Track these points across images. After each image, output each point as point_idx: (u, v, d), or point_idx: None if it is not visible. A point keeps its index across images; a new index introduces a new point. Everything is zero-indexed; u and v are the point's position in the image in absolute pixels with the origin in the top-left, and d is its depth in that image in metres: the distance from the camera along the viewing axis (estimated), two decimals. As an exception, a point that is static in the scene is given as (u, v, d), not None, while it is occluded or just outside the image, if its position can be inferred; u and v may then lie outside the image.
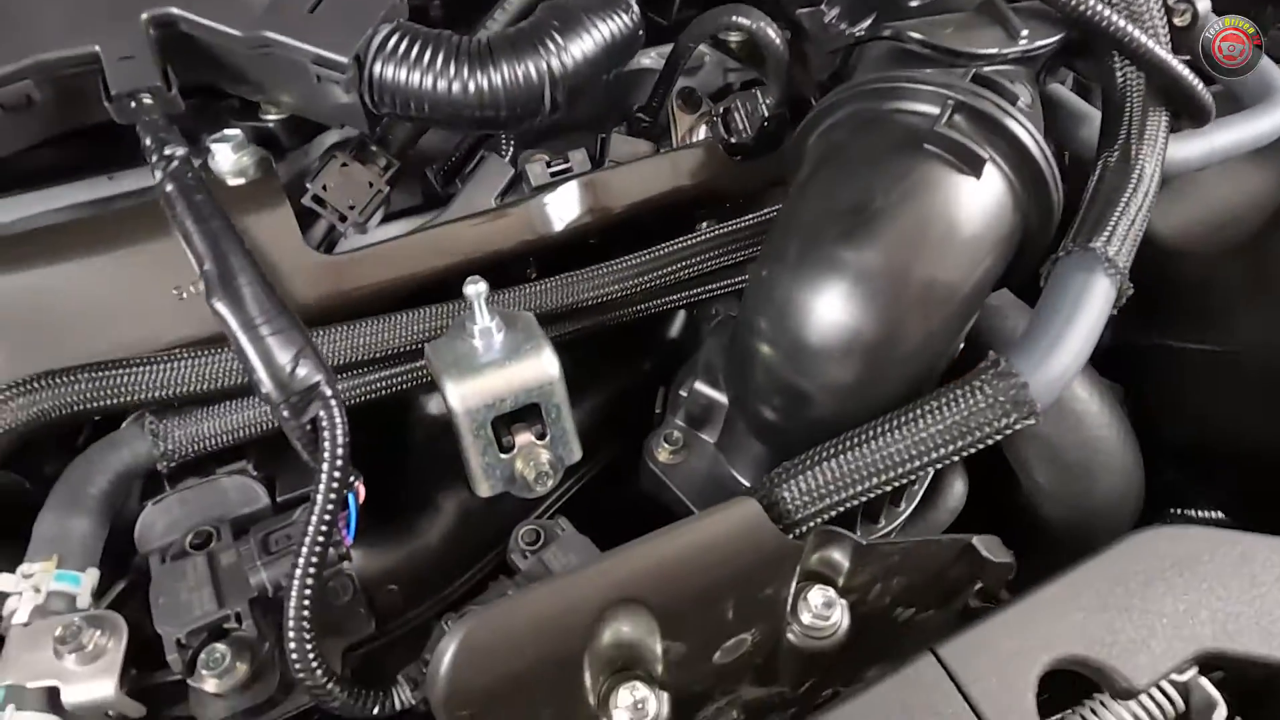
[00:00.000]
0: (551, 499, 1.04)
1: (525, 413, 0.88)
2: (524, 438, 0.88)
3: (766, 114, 1.08)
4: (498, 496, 0.96)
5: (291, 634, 0.71)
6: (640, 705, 0.77)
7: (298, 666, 0.71)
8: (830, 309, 0.80)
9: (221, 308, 0.71)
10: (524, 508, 1.00)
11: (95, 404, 0.83)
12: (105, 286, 0.89)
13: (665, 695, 0.79)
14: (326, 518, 0.71)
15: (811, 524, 0.78)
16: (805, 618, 0.84)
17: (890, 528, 0.93)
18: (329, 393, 0.72)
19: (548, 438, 0.89)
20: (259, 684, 0.75)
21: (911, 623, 0.99)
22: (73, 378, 0.82)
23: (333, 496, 0.71)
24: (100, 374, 0.83)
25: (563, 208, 1.07)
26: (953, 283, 0.79)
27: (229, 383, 0.86)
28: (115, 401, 0.84)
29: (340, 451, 0.72)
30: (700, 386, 0.94)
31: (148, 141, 0.82)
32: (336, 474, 0.72)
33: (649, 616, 0.73)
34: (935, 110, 0.81)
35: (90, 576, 0.78)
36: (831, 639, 0.85)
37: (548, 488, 0.87)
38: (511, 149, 1.13)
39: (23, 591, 0.74)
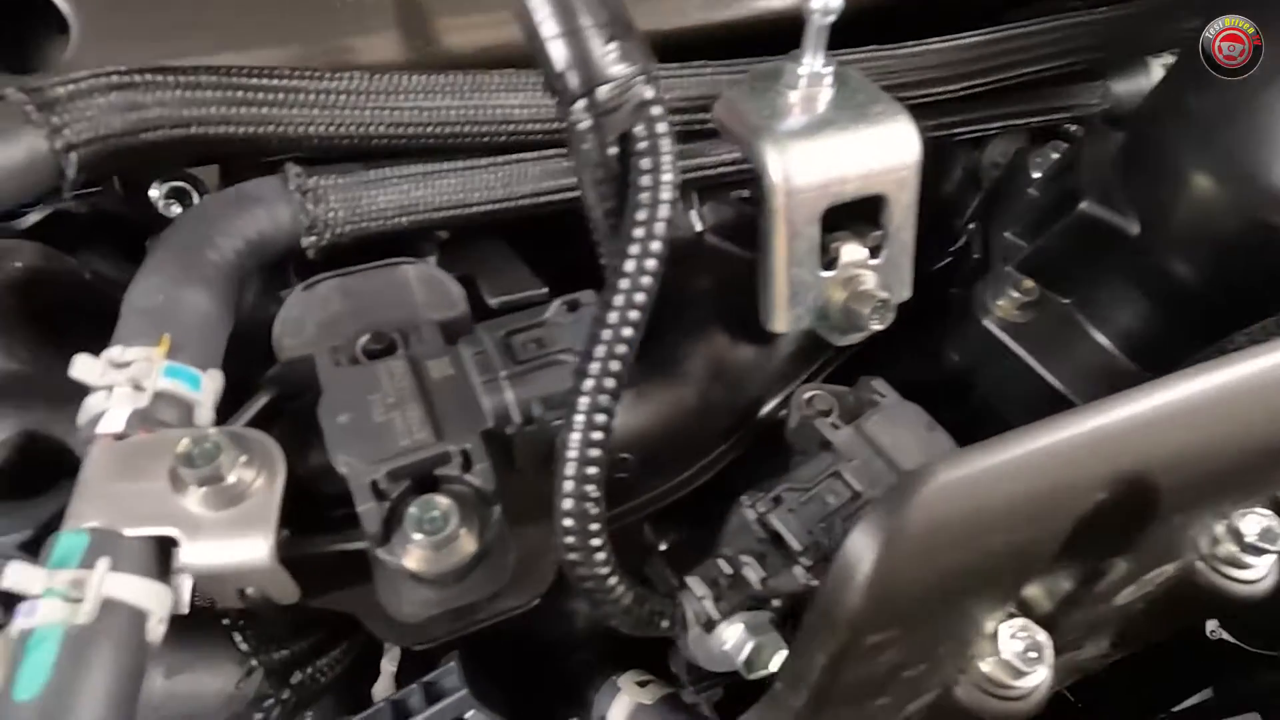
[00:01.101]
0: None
1: (851, 215, 0.59)
2: (852, 251, 0.59)
3: None
4: (756, 355, 0.68)
5: (570, 490, 0.42)
6: (1031, 653, 0.50)
7: (573, 541, 0.43)
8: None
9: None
10: (787, 374, 0.71)
11: (224, 126, 0.53)
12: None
13: (1050, 643, 0.52)
14: (640, 297, 0.42)
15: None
16: (1226, 549, 0.58)
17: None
18: (652, 94, 0.43)
19: (882, 256, 0.60)
20: (486, 568, 0.46)
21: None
22: (200, 79, 0.52)
23: (650, 264, 0.42)
24: (243, 81, 0.53)
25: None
26: None
27: (422, 126, 0.57)
28: (252, 129, 0.54)
29: (666, 193, 0.43)
30: (1093, 209, 0.64)
31: None
32: (658, 230, 0.43)
33: (1126, 513, 0.45)
34: None
35: (213, 380, 0.49)
36: (1252, 587, 0.59)
37: (882, 325, 0.59)
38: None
39: (114, 386, 0.46)
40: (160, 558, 0.42)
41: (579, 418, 0.42)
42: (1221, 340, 0.58)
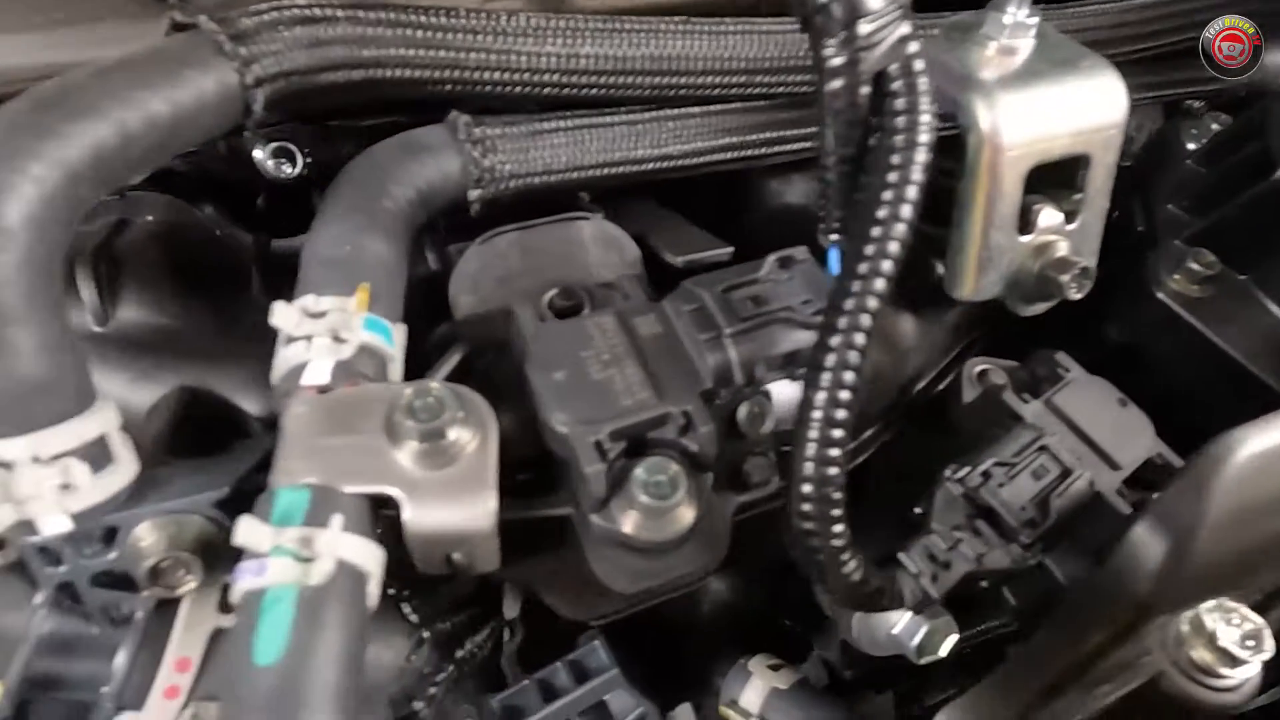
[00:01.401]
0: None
1: (1048, 177, 0.55)
2: (1049, 216, 0.55)
3: None
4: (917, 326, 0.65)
5: (811, 458, 0.39)
6: (1251, 640, 0.47)
7: (810, 510, 0.40)
8: None
9: None
10: (948, 346, 0.68)
11: (402, 68, 0.50)
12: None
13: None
14: (895, 249, 0.39)
15: None
16: None
17: None
18: (909, 29, 0.40)
19: (1077, 222, 0.57)
20: (696, 542, 0.43)
21: None
22: (376, 15, 0.49)
23: (906, 214, 0.39)
24: (427, 19, 0.50)
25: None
26: None
27: (608, 72, 0.54)
28: (431, 72, 0.51)
29: (924, 142, 0.40)
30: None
31: None
32: (917, 177, 0.39)
33: None
34: None
35: (401, 334, 0.46)
36: None
37: (1080, 294, 0.55)
38: None
39: (313, 336, 0.43)
40: (373, 518, 0.40)
41: (826, 378, 0.39)
42: None
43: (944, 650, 0.60)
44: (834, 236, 0.45)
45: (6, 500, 0.37)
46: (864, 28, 0.39)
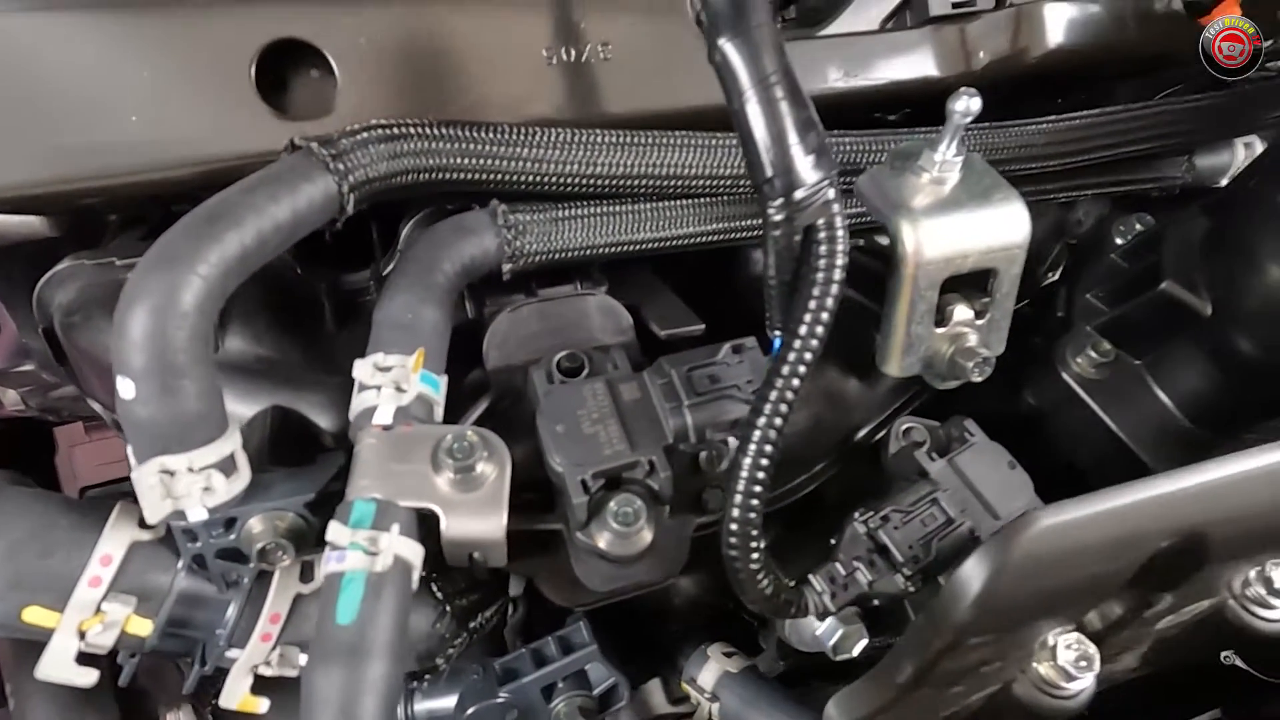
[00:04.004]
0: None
1: (965, 282, 0.69)
2: (962, 312, 0.69)
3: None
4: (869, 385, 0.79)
5: (739, 502, 0.54)
6: (1082, 662, 0.61)
7: (734, 542, 0.55)
8: None
9: (731, 51, 0.51)
10: (884, 403, 0.82)
11: (457, 173, 0.65)
12: (457, 31, 0.69)
13: (1098, 655, 0.63)
14: (808, 356, 0.53)
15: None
16: (1255, 590, 0.68)
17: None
18: (833, 195, 0.54)
19: (986, 318, 0.70)
20: (653, 556, 0.58)
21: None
22: (443, 132, 0.63)
23: (819, 331, 0.54)
24: (476, 136, 0.64)
25: (965, 45, 0.85)
26: None
27: (613, 176, 0.68)
28: (478, 176, 0.66)
29: (838, 276, 0.54)
30: (1173, 289, 0.74)
31: None
32: (829, 304, 0.54)
33: (1183, 557, 0.56)
34: None
35: (444, 383, 0.62)
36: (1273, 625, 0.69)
37: (980, 378, 0.69)
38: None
39: (381, 386, 0.58)
40: (419, 526, 0.55)
41: (753, 446, 0.54)
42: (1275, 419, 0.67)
43: (856, 650, 0.75)
44: (776, 332, 0.59)
45: (168, 496, 0.52)
46: (799, 195, 0.53)
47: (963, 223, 0.66)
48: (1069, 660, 0.62)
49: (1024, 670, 0.63)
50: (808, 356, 0.54)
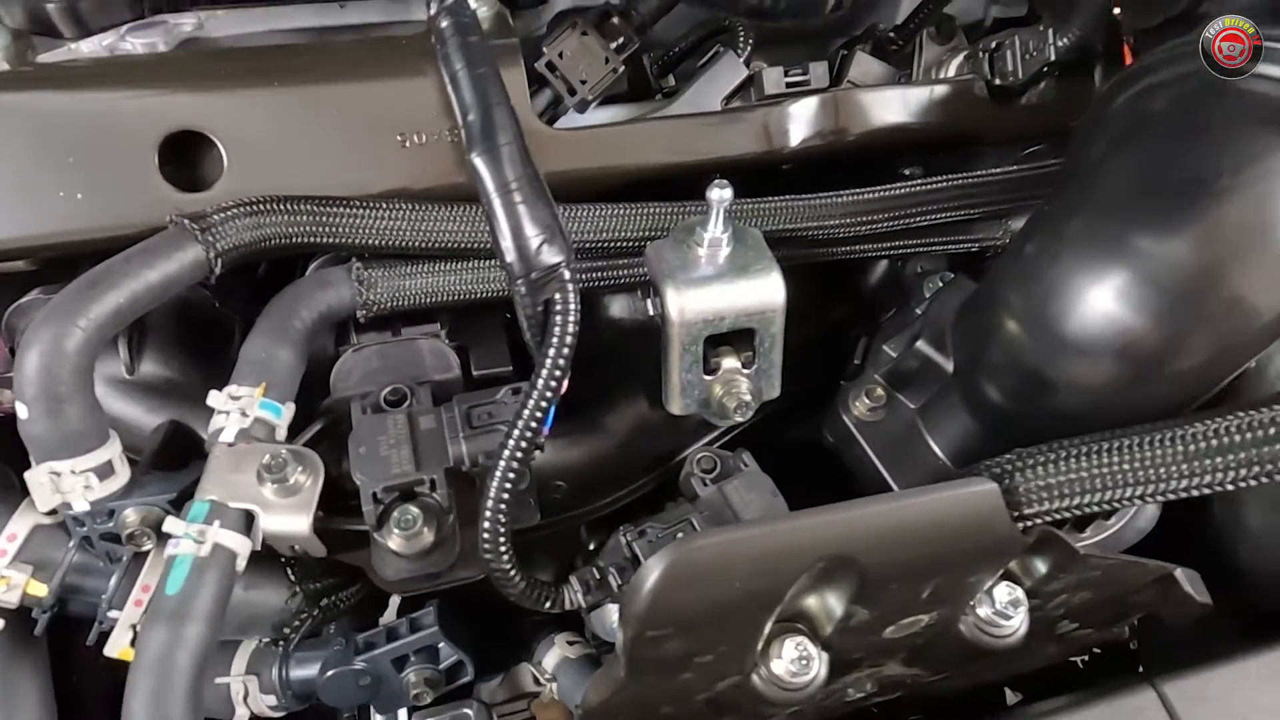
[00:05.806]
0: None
1: (735, 337, 0.83)
2: (730, 362, 0.83)
3: (1054, 57, 0.96)
4: (677, 416, 0.93)
5: (488, 515, 0.69)
6: (804, 661, 0.74)
7: (487, 547, 0.70)
8: (1105, 301, 0.70)
9: (480, 164, 0.66)
10: (699, 431, 0.96)
11: (312, 239, 0.81)
12: (330, 119, 0.85)
13: (825, 655, 0.76)
14: (544, 404, 0.68)
15: (1040, 520, 0.71)
16: (984, 611, 0.79)
17: (1095, 539, 0.86)
18: (568, 276, 0.68)
19: (754, 368, 0.83)
20: (439, 552, 0.74)
21: (1066, 638, 0.94)
22: (298, 207, 0.79)
23: (553, 384, 0.68)
24: (325, 209, 0.80)
25: (796, 123, 0.98)
26: (1269, 303, 0.68)
27: (443, 243, 0.83)
28: (330, 240, 0.82)
29: (569, 340, 0.68)
30: (923, 347, 0.87)
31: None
32: (561, 363, 0.68)
33: (853, 578, 0.69)
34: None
35: (289, 410, 0.78)
36: (1006, 640, 0.80)
37: (743, 419, 0.83)
38: (748, 50, 1.04)
39: (230, 412, 0.74)
40: (247, 522, 0.71)
41: (498, 472, 0.69)
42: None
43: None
44: (538, 377, 0.74)
45: (56, 491, 0.70)
46: (534, 275, 0.67)
47: (721, 290, 0.79)
48: (792, 658, 0.74)
49: (758, 665, 0.76)
50: (543, 403, 0.68)
